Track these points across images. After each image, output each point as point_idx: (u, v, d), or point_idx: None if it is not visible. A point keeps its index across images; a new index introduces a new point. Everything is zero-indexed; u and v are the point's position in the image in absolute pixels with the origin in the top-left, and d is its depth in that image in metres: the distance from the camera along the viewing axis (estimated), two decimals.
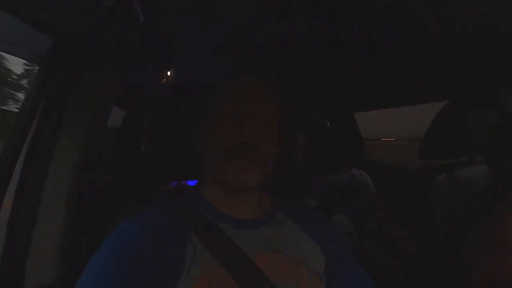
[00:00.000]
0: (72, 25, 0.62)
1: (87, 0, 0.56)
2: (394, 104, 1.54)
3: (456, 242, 0.86)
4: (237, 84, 0.56)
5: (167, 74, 1.05)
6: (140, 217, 0.50)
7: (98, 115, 0.78)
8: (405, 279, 1.02)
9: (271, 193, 0.62)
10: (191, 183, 0.86)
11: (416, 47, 0.80)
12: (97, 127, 0.78)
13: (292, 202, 0.65)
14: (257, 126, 0.52)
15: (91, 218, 0.77)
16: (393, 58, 0.90)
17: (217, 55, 0.88)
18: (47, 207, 0.67)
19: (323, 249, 0.56)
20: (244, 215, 0.55)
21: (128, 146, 1.19)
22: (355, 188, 1.40)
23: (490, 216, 0.81)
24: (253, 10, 0.64)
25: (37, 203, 0.66)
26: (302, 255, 0.53)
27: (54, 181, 0.68)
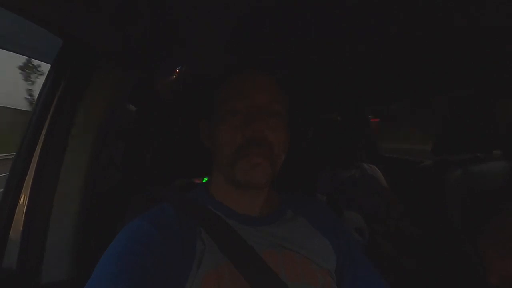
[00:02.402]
0: (81, 25, 0.62)
1: (95, 2, 0.57)
2: (404, 99, 1.50)
3: (471, 239, 0.84)
4: (246, 79, 0.55)
5: (175, 71, 1.06)
6: (150, 214, 0.51)
7: (109, 113, 0.79)
8: (418, 277, 1.00)
9: (279, 189, 0.62)
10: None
11: (424, 42, 0.78)
12: (108, 125, 0.79)
13: (302, 197, 0.64)
14: (268, 121, 0.51)
15: (103, 214, 0.78)
16: (402, 53, 0.88)
17: (224, 51, 0.87)
18: (61, 204, 0.69)
19: (334, 247, 0.55)
20: (253, 212, 0.54)
21: (137, 144, 1.20)
22: (367, 183, 1.38)
23: (506, 214, 0.79)
24: (260, 5, 0.63)
25: (51, 200, 0.68)
26: (312, 252, 0.52)
27: (67, 179, 0.70)
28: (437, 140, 1.02)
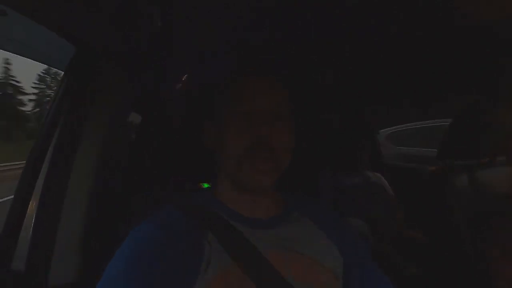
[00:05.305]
0: (92, 32, 0.63)
1: (95, 2, 0.57)
2: (404, 99, 1.50)
3: (476, 245, 0.83)
4: (249, 82, 0.54)
5: (180, 75, 1.06)
6: (157, 217, 0.50)
7: (116, 117, 0.80)
8: (420, 281, 1.00)
9: (279, 189, 0.61)
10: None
11: (424, 42, 0.78)
12: (115, 129, 0.79)
13: (305, 198, 0.64)
14: (273, 124, 0.50)
15: (110, 216, 0.78)
16: (402, 53, 0.88)
17: (224, 51, 0.88)
18: (70, 207, 0.69)
19: (340, 249, 0.55)
20: (259, 214, 0.54)
21: (138, 144, 1.20)
22: (371, 191, 1.37)
23: (507, 214, 0.78)
24: (260, 5, 0.63)
25: (61, 203, 0.68)
26: (318, 253, 0.52)
27: (76, 181, 0.70)
28: (441, 146, 1.01)
